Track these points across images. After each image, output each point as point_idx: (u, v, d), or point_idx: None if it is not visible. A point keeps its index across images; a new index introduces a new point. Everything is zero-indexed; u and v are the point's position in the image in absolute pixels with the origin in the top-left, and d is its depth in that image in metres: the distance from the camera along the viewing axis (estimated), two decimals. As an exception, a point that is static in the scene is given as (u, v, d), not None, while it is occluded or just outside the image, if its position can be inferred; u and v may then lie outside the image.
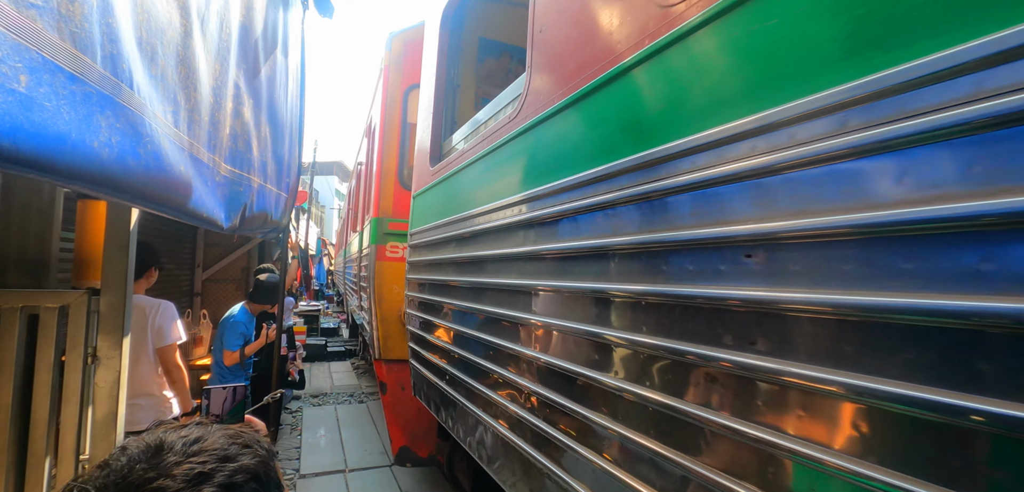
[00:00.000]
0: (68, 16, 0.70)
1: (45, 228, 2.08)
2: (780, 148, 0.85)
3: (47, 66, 0.67)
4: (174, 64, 1.11)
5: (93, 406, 1.98)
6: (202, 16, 1.28)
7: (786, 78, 0.85)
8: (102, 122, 0.80)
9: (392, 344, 4.60)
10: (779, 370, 0.85)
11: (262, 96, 2.22)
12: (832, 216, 0.78)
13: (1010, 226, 0.61)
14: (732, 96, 0.96)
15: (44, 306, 1.86)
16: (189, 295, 5.65)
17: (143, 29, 0.93)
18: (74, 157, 0.74)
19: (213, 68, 1.43)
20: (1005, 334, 0.61)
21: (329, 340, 10.47)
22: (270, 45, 2.34)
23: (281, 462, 4.78)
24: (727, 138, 0.95)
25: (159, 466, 0.61)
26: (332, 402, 6.88)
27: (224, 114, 1.59)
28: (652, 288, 1.12)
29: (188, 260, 5.71)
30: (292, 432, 5.65)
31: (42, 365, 1.86)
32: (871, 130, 0.74)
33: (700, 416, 1.00)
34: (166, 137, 1.05)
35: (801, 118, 0.82)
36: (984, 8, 0.64)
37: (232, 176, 1.76)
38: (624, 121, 1.25)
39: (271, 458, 0.71)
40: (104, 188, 0.86)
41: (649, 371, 1.15)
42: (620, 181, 1.24)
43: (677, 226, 1.06)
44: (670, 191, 1.08)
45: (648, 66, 1.18)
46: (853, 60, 0.77)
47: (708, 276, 0.99)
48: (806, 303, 0.81)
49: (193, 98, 1.25)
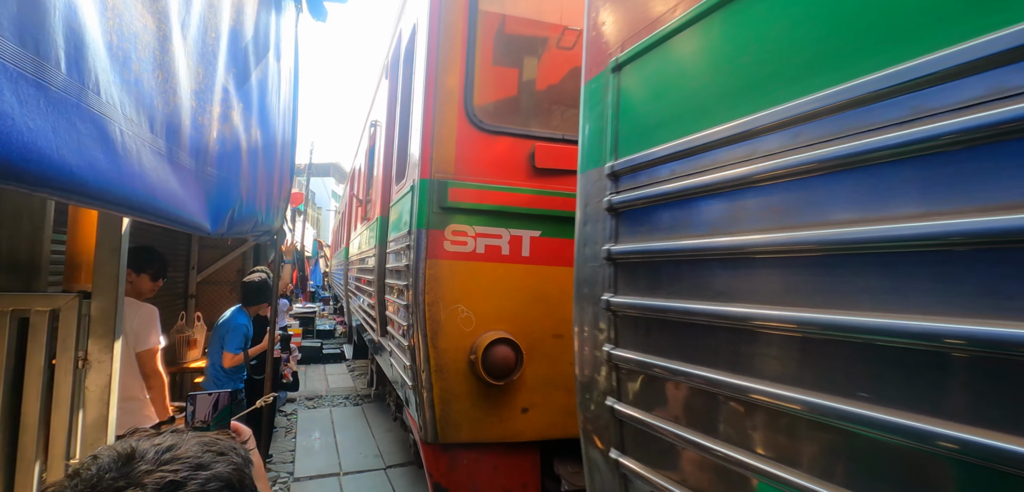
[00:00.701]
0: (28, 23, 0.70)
1: (36, 231, 2.09)
2: None
3: (7, 73, 0.67)
4: (151, 69, 1.11)
5: (84, 410, 1.98)
6: (182, 20, 1.28)
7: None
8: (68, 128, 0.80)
9: (460, 415, 2.69)
10: None
11: (253, 99, 2.22)
12: None
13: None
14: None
15: (35, 309, 1.86)
16: (183, 297, 5.65)
17: (114, 34, 0.94)
18: (40, 165, 0.74)
19: (196, 73, 1.43)
20: None
21: (324, 342, 10.47)
22: (262, 49, 2.35)
23: (275, 464, 4.78)
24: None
25: (129, 475, 0.60)
26: (327, 404, 6.88)
27: (210, 118, 1.60)
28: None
29: (182, 262, 5.71)
30: (287, 435, 5.65)
31: (32, 369, 1.86)
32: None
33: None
34: (139, 141, 1.05)
35: None
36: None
37: (218, 180, 1.76)
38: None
39: (247, 466, 0.71)
40: (74, 195, 0.87)
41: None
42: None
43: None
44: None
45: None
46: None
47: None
48: None
49: (173, 102, 1.25)
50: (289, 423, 6.05)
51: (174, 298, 5.38)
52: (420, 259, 2.70)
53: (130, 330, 2.79)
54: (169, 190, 1.26)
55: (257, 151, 2.31)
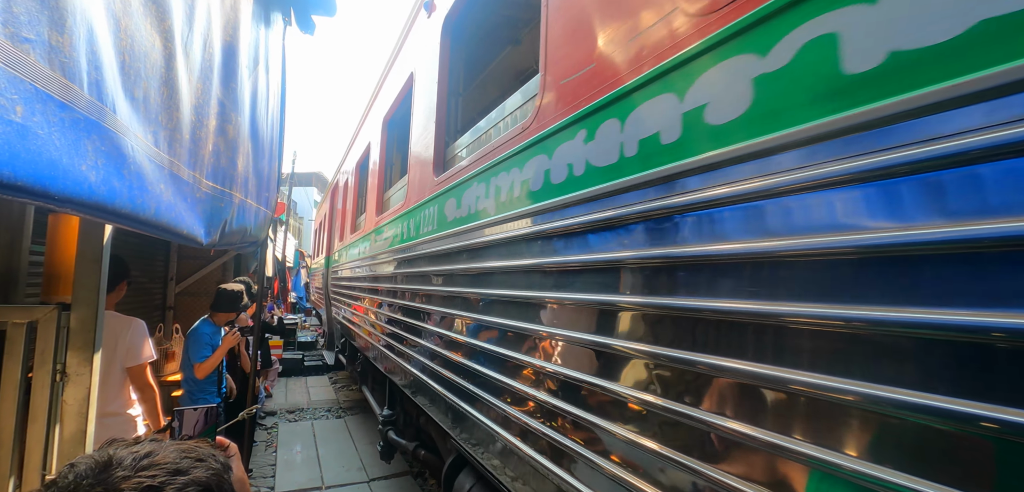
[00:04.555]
0: (58, 47, 0.72)
1: (14, 240, 2.05)
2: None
3: (40, 96, 0.69)
4: (157, 86, 1.13)
5: (61, 424, 1.93)
6: (185, 38, 1.30)
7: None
8: (89, 146, 0.82)
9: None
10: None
11: (244, 112, 2.23)
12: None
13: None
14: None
15: (11, 322, 1.82)
16: (161, 309, 5.52)
17: (126, 54, 0.96)
18: (66, 183, 0.76)
19: (195, 88, 1.44)
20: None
21: (306, 354, 10.29)
22: (252, 63, 2.36)
23: (255, 479, 4.69)
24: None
25: (107, 482, 0.60)
26: (309, 417, 6.77)
27: (207, 132, 1.61)
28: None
29: (161, 273, 5.59)
30: (267, 449, 5.54)
31: (8, 382, 1.81)
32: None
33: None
34: (146, 157, 1.07)
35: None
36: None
37: (213, 192, 1.76)
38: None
39: (226, 472, 0.71)
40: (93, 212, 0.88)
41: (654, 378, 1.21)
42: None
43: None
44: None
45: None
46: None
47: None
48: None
49: (175, 117, 1.27)
50: (270, 437, 5.93)
51: (152, 310, 5.26)
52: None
53: (121, 344, 2.77)
54: (170, 203, 1.26)
55: (248, 163, 2.31)
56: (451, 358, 2.55)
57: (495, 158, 2.22)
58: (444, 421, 2.75)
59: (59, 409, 1.94)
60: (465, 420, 2.45)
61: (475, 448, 2.34)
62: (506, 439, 1.99)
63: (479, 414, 2.26)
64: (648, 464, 1.25)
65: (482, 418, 2.24)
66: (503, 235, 2.10)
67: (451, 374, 2.54)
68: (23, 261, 2.07)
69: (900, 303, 0.81)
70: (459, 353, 2.47)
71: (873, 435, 0.84)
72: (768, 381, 0.97)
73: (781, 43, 0.98)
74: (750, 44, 1.04)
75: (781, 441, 0.95)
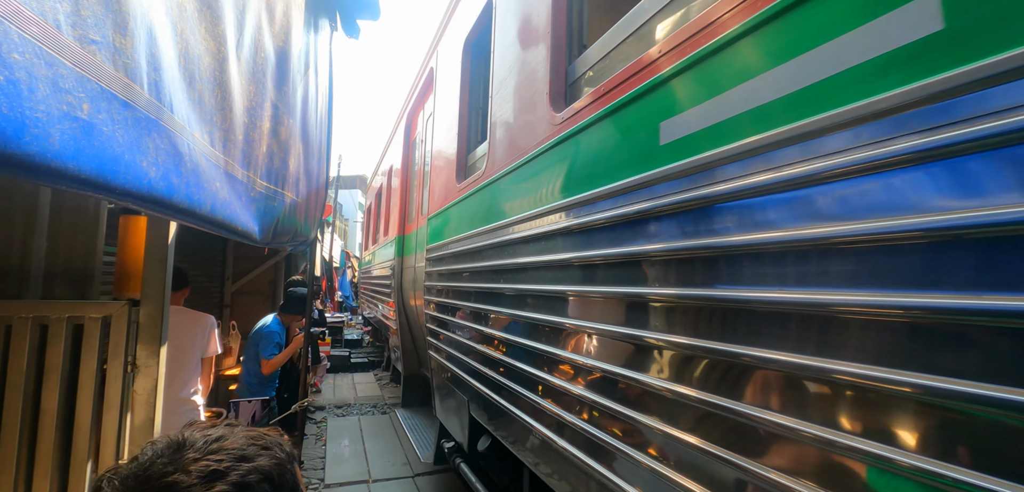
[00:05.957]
0: (121, 49, 0.77)
1: (90, 242, 2.20)
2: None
3: (104, 94, 0.73)
4: (211, 88, 1.19)
5: (132, 413, 2.06)
6: (238, 43, 1.36)
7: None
8: (149, 143, 0.87)
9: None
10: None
11: (296, 115, 2.32)
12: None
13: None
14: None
15: (88, 316, 1.95)
16: (219, 307, 5.83)
17: (182, 56, 1.01)
18: (127, 177, 0.81)
19: (248, 90, 1.51)
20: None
21: (353, 351, 10.62)
22: (303, 67, 2.44)
23: (307, 471, 4.86)
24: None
25: (178, 461, 0.63)
26: (355, 413, 6.97)
27: (260, 133, 1.68)
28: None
29: (218, 273, 5.90)
30: (317, 442, 5.74)
31: (86, 373, 1.94)
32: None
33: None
34: (203, 155, 1.12)
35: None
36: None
37: (267, 191, 1.84)
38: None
39: (290, 462, 0.72)
40: (152, 206, 0.93)
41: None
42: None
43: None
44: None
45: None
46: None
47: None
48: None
49: (229, 118, 1.33)
50: (319, 430, 6.15)
51: (210, 308, 5.55)
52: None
53: (201, 337, 3.06)
54: (225, 200, 1.32)
55: (299, 164, 2.40)
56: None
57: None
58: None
59: (130, 398, 2.07)
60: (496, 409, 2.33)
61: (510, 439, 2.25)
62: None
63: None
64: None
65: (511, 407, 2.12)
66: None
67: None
68: (98, 261, 2.23)
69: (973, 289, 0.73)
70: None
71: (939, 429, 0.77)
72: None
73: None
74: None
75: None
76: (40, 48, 0.63)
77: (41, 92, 0.65)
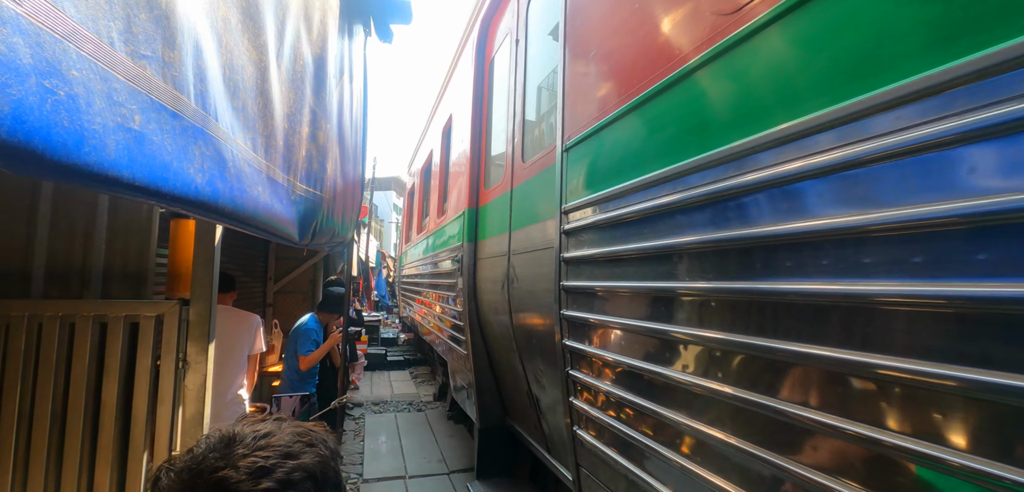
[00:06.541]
0: (169, 62, 0.81)
1: (144, 244, 2.33)
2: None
3: (154, 106, 0.78)
4: (253, 96, 1.24)
5: (183, 406, 2.16)
6: (278, 52, 1.41)
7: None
8: (196, 151, 0.91)
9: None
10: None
11: (333, 119, 2.38)
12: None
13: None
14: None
15: (143, 315, 2.06)
16: (262, 306, 6.06)
17: (226, 67, 1.05)
18: (176, 183, 0.85)
19: (288, 97, 1.56)
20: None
21: (388, 349, 10.84)
22: (339, 73, 2.51)
23: (346, 466, 5.00)
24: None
25: (228, 456, 0.65)
26: (392, 410, 7.11)
27: (300, 138, 1.73)
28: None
29: (261, 273, 6.13)
30: (355, 438, 5.90)
31: (141, 369, 2.05)
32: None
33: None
34: (246, 161, 1.17)
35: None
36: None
37: (306, 194, 1.90)
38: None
39: (333, 459, 0.74)
40: (198, 210, 0.98)
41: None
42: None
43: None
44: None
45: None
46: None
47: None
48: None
49: (270, 125, 1.38)
50: (358, 426, 6.31)
51: (253, 307, 5.78)
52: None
53: (247, 335, 3.22)
54: (268, 204, 1.37)
55: (336, 167, 2.47)
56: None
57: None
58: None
59: (181, 393, 2.17)
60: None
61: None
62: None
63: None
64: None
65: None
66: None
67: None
68: (151, 262, 2.35)
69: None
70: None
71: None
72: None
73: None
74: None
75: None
76: (95, 64, 0.68)
77: (97, 106, 0.69)
